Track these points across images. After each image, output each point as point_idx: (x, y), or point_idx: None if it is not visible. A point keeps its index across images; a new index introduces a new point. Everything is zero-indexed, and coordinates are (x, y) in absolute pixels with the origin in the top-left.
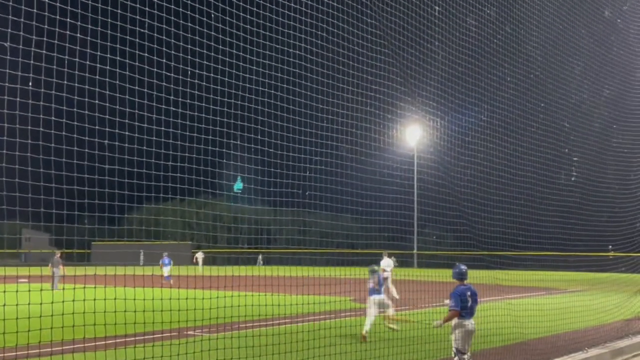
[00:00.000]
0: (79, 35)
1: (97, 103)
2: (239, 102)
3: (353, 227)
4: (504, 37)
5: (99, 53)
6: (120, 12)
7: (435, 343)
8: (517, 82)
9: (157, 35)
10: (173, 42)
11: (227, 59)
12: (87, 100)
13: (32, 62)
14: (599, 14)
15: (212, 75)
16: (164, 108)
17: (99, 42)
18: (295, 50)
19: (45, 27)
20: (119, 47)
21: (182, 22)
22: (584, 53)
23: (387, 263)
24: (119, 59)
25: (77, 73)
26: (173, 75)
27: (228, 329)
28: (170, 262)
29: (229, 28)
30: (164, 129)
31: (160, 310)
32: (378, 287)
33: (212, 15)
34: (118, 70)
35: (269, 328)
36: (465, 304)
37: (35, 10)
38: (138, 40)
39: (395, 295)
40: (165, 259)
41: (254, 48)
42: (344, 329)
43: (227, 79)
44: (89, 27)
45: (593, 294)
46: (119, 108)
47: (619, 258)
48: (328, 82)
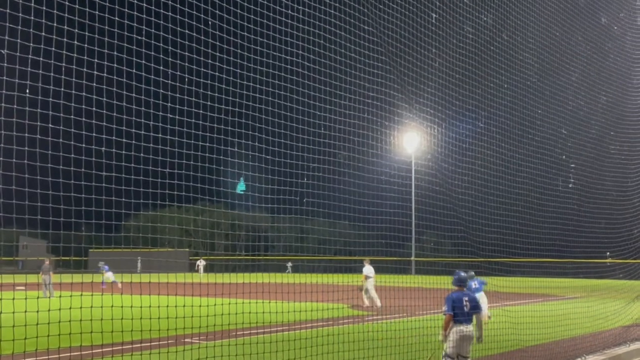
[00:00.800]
0: (76, 43)
1: (94, 110)
2: (237, 109)
3: (351, 234)
4: (501, 44)
5: (96, 60)
6: (118, 19)
7: (434, 350)
8: (514, 89)
9: (154, 43)
10: (170, 49)
11: (224, 66)
12: (84, 107)
13: (29, 69)
14: (596, 21)
15: (209, 83)
16: (161, 115)
17: (96, 49)
18: (293, 58)
19: (43, 34)
20: (116, 54)
21: (179, 29)
22: (581, 60)
23: (369, 270)
24: (116, 66)
25: (74, 80)
26: (170, 82)
27: (225, 337)
28: (109, 268)
29: (227, 35)
30: (161, 136)
31: (157, 318)
32: None
33: (209, 23)
34: (115, 77)
35: (267, 335)
36: (462, 310)
37: (33, 18)
38: (135, 48)
39: (378, 304)
40: (105, 267)
41: (252, 55)
42: (342, 336)
43: (224, 86)
44: (86, 34)
45: (591, 301)
46: (116, 115)
47: (617, 265)
48: (325, 89)
